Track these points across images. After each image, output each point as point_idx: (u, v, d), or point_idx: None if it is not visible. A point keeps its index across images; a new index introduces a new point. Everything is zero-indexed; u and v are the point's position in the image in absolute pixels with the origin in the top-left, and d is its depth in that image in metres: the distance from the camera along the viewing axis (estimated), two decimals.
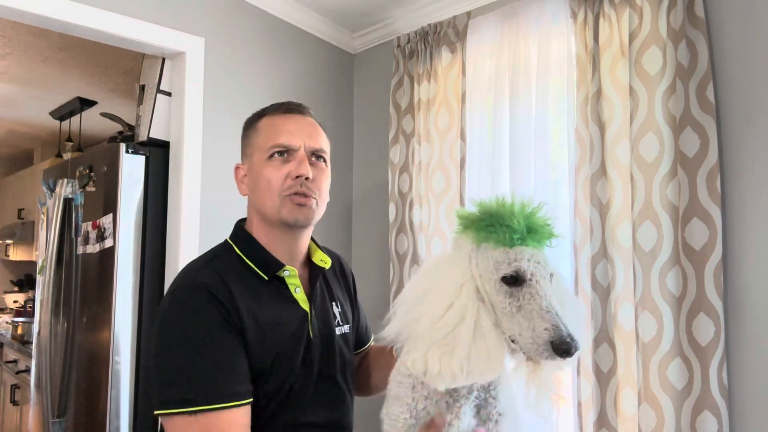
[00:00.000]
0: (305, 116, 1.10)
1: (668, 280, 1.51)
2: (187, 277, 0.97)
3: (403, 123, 2.23)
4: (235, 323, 0.93)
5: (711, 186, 1.44)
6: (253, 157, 1.07)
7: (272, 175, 1.02)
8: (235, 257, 1.04)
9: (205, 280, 0.95)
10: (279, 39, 2.32)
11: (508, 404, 0.88)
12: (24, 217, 4.62)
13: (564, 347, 0.72)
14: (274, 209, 1.02)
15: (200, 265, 1.00)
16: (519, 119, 1.87)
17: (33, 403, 2.56)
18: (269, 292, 1.01)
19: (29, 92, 3.51)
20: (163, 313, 0.94)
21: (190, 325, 0.91)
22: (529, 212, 0.82)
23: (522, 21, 1.88)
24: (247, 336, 0.94)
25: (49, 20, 1.71)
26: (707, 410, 1.40)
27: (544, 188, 1.80)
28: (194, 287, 0.94)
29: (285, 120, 1.07)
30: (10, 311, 4.48)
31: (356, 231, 2.57)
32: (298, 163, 1.02)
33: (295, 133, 1.05)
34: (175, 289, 0.97)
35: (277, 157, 1.03)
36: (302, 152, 1.04)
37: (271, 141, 1.04)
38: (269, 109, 1.10)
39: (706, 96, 1.47)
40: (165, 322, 0.93)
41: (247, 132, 1.11)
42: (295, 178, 1.02)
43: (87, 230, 2.14)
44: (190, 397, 0.86)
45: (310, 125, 1.09)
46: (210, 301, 0.92)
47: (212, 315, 0.92)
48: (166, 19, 1.95)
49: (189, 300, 0.93)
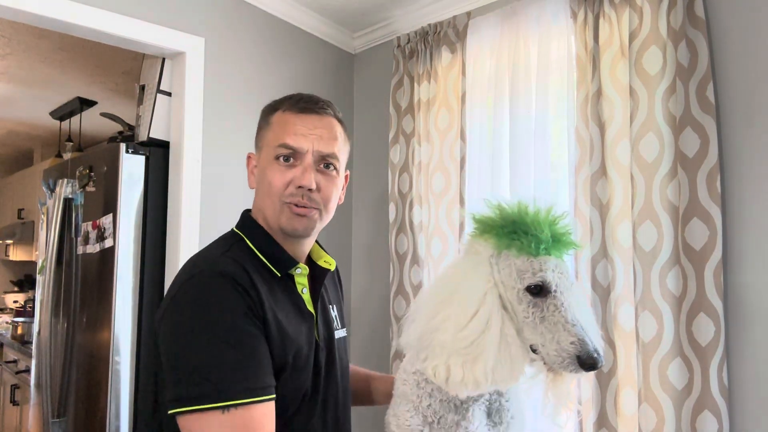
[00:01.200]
0: (322, 116, 1.01)
1: (668, 280, 1.50)
2: (207, 264, 0.90)
3: (403, 123, 2.23)
4: (259, 315, 0.87)
5: (711, 186, 1.44)
6: (262, 152, 1.01)
7: (274, 178, 0.96)
8: (247, 249, 0.97)
9: (227, 268, 0.88)
10: (279, 39, 2.32)
11: (519, 407, 0.88)
12: (24, 217, 4.62)
13: (590, 362, 0.72)
14: (273, 214, 0.97)
15: (218, 254, 0.93)
16: (519, 119, 1.86)
17: (33, 403, 2.56)
18: (281, 289, 0.96)
19: (29, 92, 3.51)
20: (181, 302, 0.86)
21: (215, 314, 0.84)
22: (552, 219, 0.81)
23: (522, 21, 1.88)
24: (269, 331, 0.88)
25: (49, 20, 1.71)
26: (707, 410, 1.40)
27: (544, 188, 1.80)
28: (217, 274, 0.87)
29: (298, 120, 0.99)
30: (10, 311, 4.48)
31: (356, 231, 2.57)
32: (303, 171, 0.96)
33: (304, 136, 0.97)
34: (194, 276, 0.88)
35: (282, 161, 0.96)
36: (309, 159, 0.97)
37: (279, 140, 0.97)
38: (285, 103, 1.02)
39: (706, 96, 1.47)
40: (185, 311, 0.85)
41: (261, 123, 1.05)
42: (297, 188, 0.95)
43: (87, 230, 2.14)
44: (221, 391, 0.79)
45: (325, 127, 1.01)
46: (235, 288, 0.86)
47: (239, 304, 0.85)
48: (166, 19, 1.95)
49: (213, 287, 0.86)
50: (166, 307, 0.89)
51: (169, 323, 0.87)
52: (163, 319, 0.88)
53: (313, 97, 1.03)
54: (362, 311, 2.50)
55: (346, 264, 2.55)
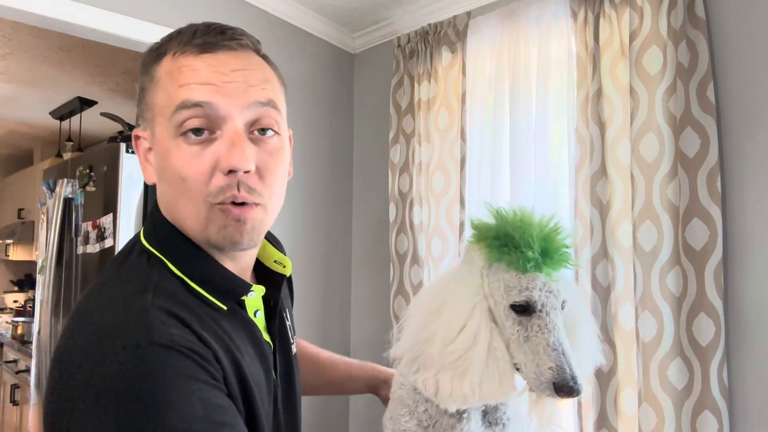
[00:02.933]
0: (238, 52, 0.64)
1: (668, 280, 1.50)
2: (136, 330, 0.55)
3: (403, 123, 2.23)
4: (221, 380, 0.59)
5: (711, 186, 1.44)
6: (156, 126, 0.64)
7: (187, 168, 0.60)
8: (174, 279, 0.63)
9: (170, 332, 0.55)
10: (279, 39, 2.32)
11: (516, 410, 0.88)
12: (24, 217, 4.62)
13: (566, 390, 0.70)
14: (196, 224, 0.62)
15: (146, 305, 0.57)
16: (519, 119, 1.86)
17: (33, 403, 2.56)
18: (231, 325, 0.65)
19: (29, 92, 3.51)
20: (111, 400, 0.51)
21: (179, 405, 0.52)
22: (546, 233, 0.76)
23: (522, 21, 1.88)
24: (233, 395, 0.60)
25: (49, 20, 1.71)
26: (707, 410, 1.40)
27: (544, 188, 1.80)
28: (159, 348, 0.54)
29: (200, 63, 0.62)
30: (10, 311, 4.48)
31: (356, 231, 2.57)
32: (229, 144, 0.60)
33: (217, 87, 0.61)
34: (117, 355, 0.53)
35: (192, 136, 0.61)
36: (234, 124, 0.61)
37: (175, 99, 0.61)
38: (175, 41, 0.64)
39: (706, 96, 1.47)
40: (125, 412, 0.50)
41: (143, 80, 0.67)
42: (227, 173, 0.60)
43: (87, 230, 2.14)
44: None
45: (248, 68, 0.64)
46: (193, 361, 0.55)
47: (202, 379, 0.55)
48: (167, 19, 1.95)
49: (161, 366, 0.53)
50: (82, 407, 0.51)
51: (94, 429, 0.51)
52: (75, 422, 0.51)
53: (215, 24, 0.66)
54: (362, 311, 2.50)
55: (346, 264, 2.55)
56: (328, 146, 2.49)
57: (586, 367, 0.85)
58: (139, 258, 0.65)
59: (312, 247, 2.40)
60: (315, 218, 2.41)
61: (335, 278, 2.49)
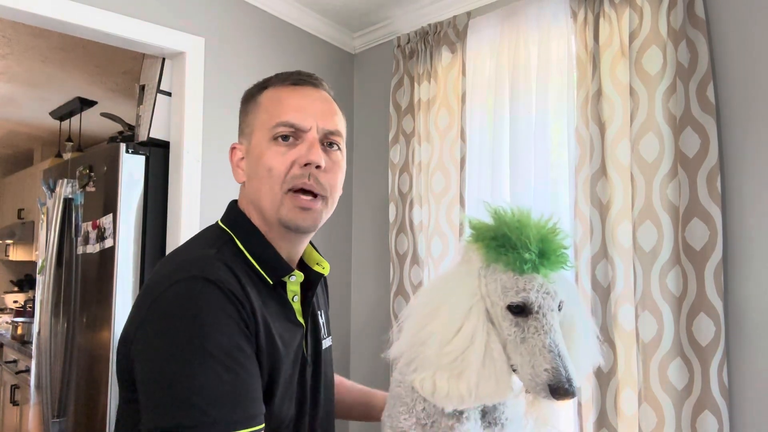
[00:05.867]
0: (319, 89, 0.91)
1: (668, 280, 1.50)
2: (196, 268, 0.76)
3: (403, 123, 2.23)
4: (252, 331, 0.77)
5: (711, 186, 1.44)
6: (253, 137, 0.88)
7: (274, 161, 0.83)
8: (238, 252, 0.84)
9: (219, 274, 0.75)
10: (279, 39, 2.32)
11: (515, 409, 0.88)
12: (24, 217, 4.62)
13: (561, 392, 0.70)
14: (272, 206, 0.84)
15: (207, 256, 0.80)
16: (519, 119, 1.86)
17: (33, 403, 2.56)
18: (272, 299, 0.84)
19: (29, 92, 3.51)
20: (166, 312, 0.73)
21: (209, 330, 0.71)
22: (544, 234, 0.76)
23: (522, 21, 1.88)
24: (260, 349, 0.78)
25: (49, 20, 1.71)
26: (707, 410, 1.40)
27: (544, 188, 1.80)
28: (208, 282, 0.74)
29: (293, 93, 0.88)
30: (10, 311, 4.48)
31: (356, 231, 2.57)
32: (308, 147, 0.84)
33: (305, 110, 0.86)
34: (179, 281, 0.74)
35: (281, 141, 0.84)
36: (313, 134, 0.85)
37: (275, 119, 0.85)
38: (274, 80, 0.91)
39: (706, 96, 1.47)
40: (172, 324, 0.72)
41: (247, 106, 0.93)
42: (303, 166, 0.83)
43: (87, 230, 2.14)
44: (216, 421, 0.68)
45: (325, 101, 0.90)
46: (230, 301, 0.74)
47: (234, 318, 0.74)
48: (166, 19, 1.95)
49: (205, 297, 0.73)
50: (145, 316, 0.75)
51: (149, 336, 0.73)
52: (140, 329, 0.75)
53: (303, 71, 0.92)
54: (362, 311, 2.50)
55: (346, 264, 2.55)
56: None
57: (584, 368, 0.85)
58: (213, 231, 0.89)
59: None
60: None
61: (335, 278, 2.50)
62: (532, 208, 0.79)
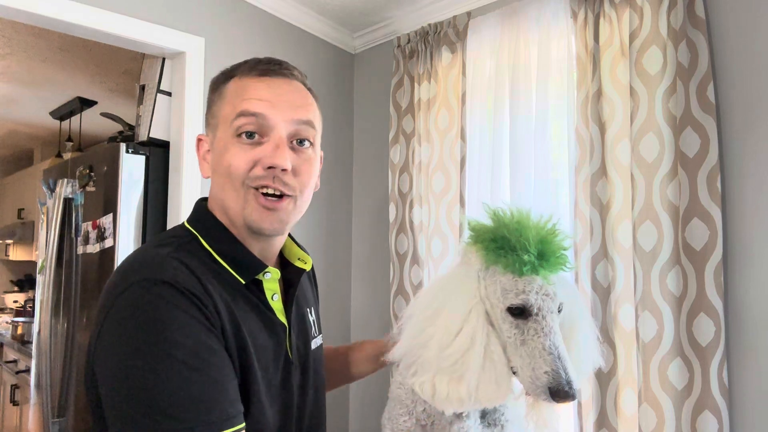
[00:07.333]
0: (289, 79, 0.82)
1: (668, 280, 1.50)
2: (148, 269, 0.71)
3: (403, 123, 2.23)
4: (217, 325, 0.71)
5: (711, 186, 1.44)
6: (217, 131, 0.81)
7: (235, 159, 0.77)
8: (202, 251, 0.78)
9: (173, 273, 0.70)
10: (279, 39, 2.32)
11: (514, 411, 0.88)
12: (24, 217, 4.62)
13: (561, 395, 0.70)
14: (236, 205, 0.78)
15: (162, 254, 0.74)
16: (519, 119, 1.86)
17: (33, 403, 2.56)
18: (245, 299, 0.78)
19: (29, 92, 3.51)
20: (122, 318, 0.68)
21: (168, 331, 0.66)
22: (543, 236, 0.76)
23: (522, 21, 1.87)
24: (229, 347, 0.72)
25: (49, 20, 1.71)
26: (707, 410, 1.40)
27: (544, 188, 1.80)
28: (161, 284, 0.69)
29: (260, 84, 0.80)
30: (10, 311, 4.48)
31: (356, 231, 2.57)
32: (273, 147, 0.77)
33: (271, 103, 0.78)
34: (131, 285, 0.69)
35: (245, 138, 0.77)
36: (280, 133, 0.78)
37: (237, 109, 0.78)
38: (243, 67, 0.82)
39: (706, 96, 1.47)
40: (129, 330, 0.67)
41: (212, 96, 0.85)
42: (267, 168, 0.77)
43: (87, 230, 2.14)
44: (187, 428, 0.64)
45: (295, 92, 0.82)
46: (187, 299, 0.69)
47: (195, 317, 0.69)
48: (166, 19, 1.95)
49: (159, 298, 0.68)
50: (102, 327, 0.69)
51: (107, 347, 0.68)
52: (99, 341, 0.69)
53: (274, 58, 0.84)
54: (362, 311, 2.50)
55: (346, 264, 2.55)
56: (328, 146, 2.49)
57: (584, 369, 0.85)
58: (175, 230, 0.83)
59: (312, 247, 2.40)
60: (315, 218, 2.41)
61: (335, 278, 2.49)
62: (532, 209, 0.79)
